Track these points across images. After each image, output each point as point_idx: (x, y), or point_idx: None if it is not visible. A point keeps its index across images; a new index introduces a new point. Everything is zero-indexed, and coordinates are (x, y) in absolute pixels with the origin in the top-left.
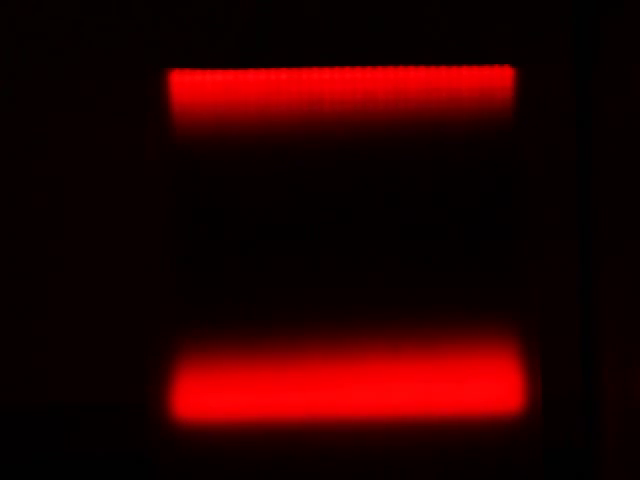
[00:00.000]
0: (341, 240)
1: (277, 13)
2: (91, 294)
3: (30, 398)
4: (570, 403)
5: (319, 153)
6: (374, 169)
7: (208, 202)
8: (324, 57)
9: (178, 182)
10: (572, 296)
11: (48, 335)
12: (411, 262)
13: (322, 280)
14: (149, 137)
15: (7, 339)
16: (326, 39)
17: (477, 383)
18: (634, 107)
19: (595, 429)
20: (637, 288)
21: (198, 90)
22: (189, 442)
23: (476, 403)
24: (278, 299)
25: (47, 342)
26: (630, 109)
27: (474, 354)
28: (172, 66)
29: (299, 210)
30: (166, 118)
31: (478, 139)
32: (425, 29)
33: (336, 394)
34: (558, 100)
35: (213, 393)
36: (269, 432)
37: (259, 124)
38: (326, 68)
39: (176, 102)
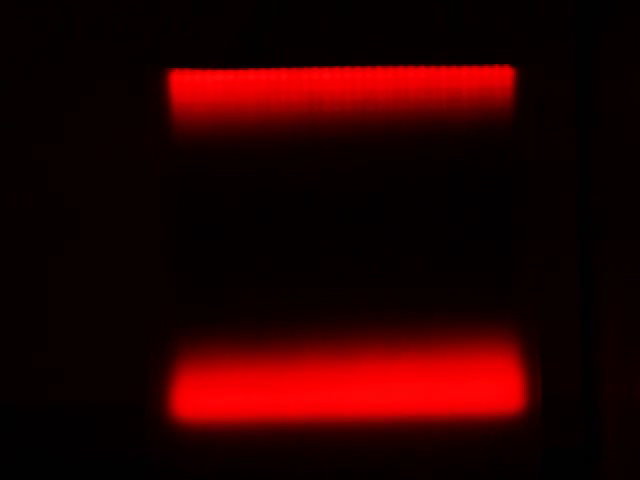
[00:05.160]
0: (341, 240)
1: (277, 13)
2: (91, 294)
3: (30, 398)
4: (570, 403)
5: (319, 153)
6: (374, 169)
7: (208, 202)
8: (324, 57)
9: (178, 182)
10: (572, 296)
11: (48, 335)
12: (411, 262)
13: (322, 280)
14: (149, 137)
15: (7, 339)
16: (326, 39)
17: (477, 383)
18: (634, 107)
19: (595, 429)
20: (637, 288)
21: (198, 90)
22: (189, 442)
23: (476, 403)
24: (278, 299)
25: (47, 342)
26: (630, 109)
27: (474, 354)
28: (172, 66)
29: (299, 210)
30: (166, 118)
31: (478, 139)
32: (425, 29)
33: (336, 394)
34: (558, 100)
35: (213, 393)
36: (269, 432)
37: (259, 124)
38: (326, 68)
39: (176, 102)
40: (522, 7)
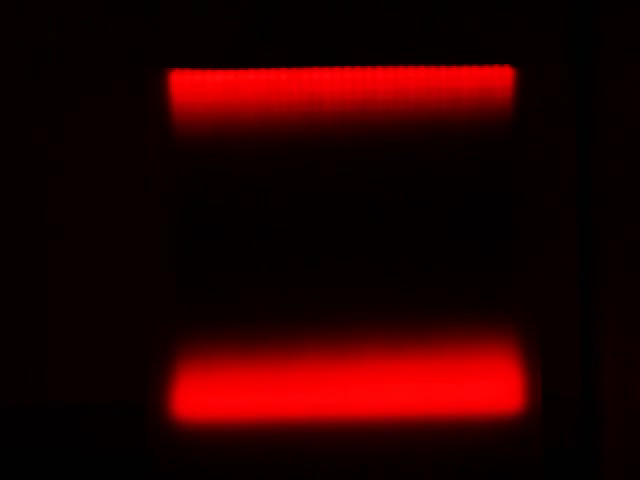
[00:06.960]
0: (341, 240)
1: (277, 13)
2: (91, 294)
3: (30, 398)
4: (570, 403)
5: (319, 153)
6: (374, 169)
7: (208, 202)
8: (324, 57)
9: (178, 182)
10: (572, 296)
11: (48, 335)
12: (411, 262)
13: (322, 280)
14: (149, 137)
15: (7, 339)
16: (326, 39)
17: (477, 383)
18: (634, 107)
19: (595, 429)
20: (637, 288)
21: (198, 90)
22: (189, 442)
23: (476, 403)
24: (278, 299)
25: (47, 342)
26: (630, 109)
27: (474, 354)
28: (172, 66)
29: (299, 210)
30: (166, 118)
31: (478, 139)
32: (425, 29)
33: (336, 394)
34: (558, 100)
35: (213, 393)
36: (269, 432)
37: (259, 124)
38: (326, 68)
39: (176, 102)
40: (522, 7)
